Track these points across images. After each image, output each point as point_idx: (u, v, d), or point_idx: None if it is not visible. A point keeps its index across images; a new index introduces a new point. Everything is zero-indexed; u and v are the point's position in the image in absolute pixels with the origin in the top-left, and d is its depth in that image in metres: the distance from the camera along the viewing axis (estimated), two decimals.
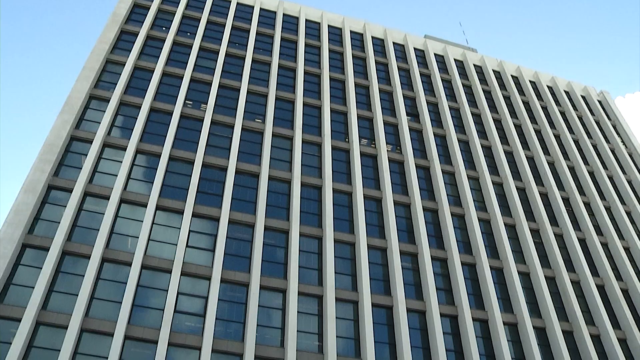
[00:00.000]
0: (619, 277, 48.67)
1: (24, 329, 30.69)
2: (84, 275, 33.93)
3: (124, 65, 47.44)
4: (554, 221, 50.82)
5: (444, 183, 49.04)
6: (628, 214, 55.22)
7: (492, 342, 40.21)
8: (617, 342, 42.98)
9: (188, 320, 34.77)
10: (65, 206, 36.71)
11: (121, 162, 40.48)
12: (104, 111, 43.27)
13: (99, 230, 36.25)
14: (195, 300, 35.61)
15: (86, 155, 40.01)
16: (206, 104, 46.92)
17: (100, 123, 42.15)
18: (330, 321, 36.35)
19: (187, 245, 37.55)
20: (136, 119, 43.66)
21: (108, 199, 38.15)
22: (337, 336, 36.26)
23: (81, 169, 38.99)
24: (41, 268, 33.46)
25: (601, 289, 47.12)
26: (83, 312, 32.39)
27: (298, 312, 36.58)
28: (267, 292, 37.14)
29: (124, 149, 41.39)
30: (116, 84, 45.52)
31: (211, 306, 34.78)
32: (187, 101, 46.82)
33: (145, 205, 38.60)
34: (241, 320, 35.48)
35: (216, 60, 51.34)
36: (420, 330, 39.00)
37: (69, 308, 32.55)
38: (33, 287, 32.50)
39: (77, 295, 33.01)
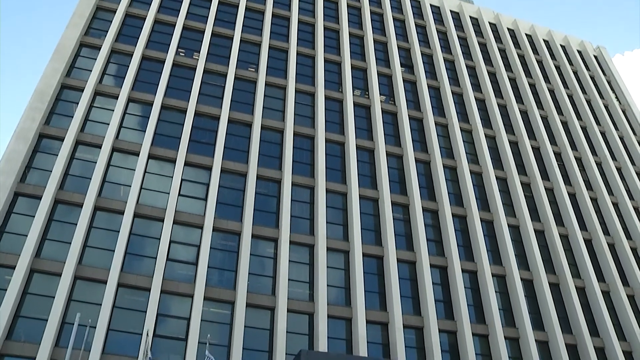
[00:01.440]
0: (606, 232, 49.29)
1: (18, 276, 31.05)
2: (76, 224, 34.10)
3: (115, 12, 46.58)
4: (545, 175, 51.11)
5: (437, 135, 49.02)
6: (618, 170, 55.55)
7: (480, 293, 40.93)
8: (601, 294, 43.98)
9: (180, 268, 35.18)
10: (57, 155, 36.61)
11: (113, 110, 40.17)
12: (95, 59, 42.71)
13: (91, 179, 36.23)
14: (188, 249, 35.95)
15: (77, 103, 39.64)
16: (199, 52, 46.35)
17: (91, 71, 41.65)
18: (322, 270, 36.89)
19: (179, 194, 37.66)
20: (128, 67, 43.14)
21: (100, 147, 38.03)
22: (327, 285, 36.83)
23: (72, 117, 38.68)
24: (34, 216, 33.55)
25: (588, 243, 47.75)
26: (76, 260, 32.71)
27: (289, 261, 37.05)
28: (259, 241, 37.51)
29: (116, 97, 41.03)
30: (107, 32, 44.77)
31: (203, 254, 35.16)
32: (179, 49, 46.21)
33: (137, 154, 38.52)
34: (233, 268, 35.94)
35: (209, 8, 50.45)
36: (410, 280, 39.62)
37: (62, 256, 32.82)
38: (26, 236, 32.68)
39: (70, 243, 33.25)
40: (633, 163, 56.80)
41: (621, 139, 59.23)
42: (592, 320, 43.02)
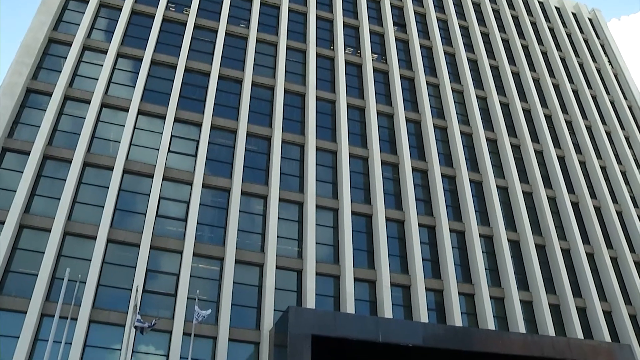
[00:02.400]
0: (593, 195, 49.70)
1: (7, 231, 31.13)
2: (65, 180, 34.01)
3: None
4: (534, 137, 51.21)
5: (428, 95, 48.80)
6: (608, 134, 55.71)
7: (467, 253, 41.43)
8: (586, 256, 44.67)
9: (170, 224, 35.30)
10: (45, 110, 36.26)
11: (102, 65, 39.68)
12: (83, 12, 41.97)
13: (80, 134, 36.01)
14: (177, 205, 36.02)
15: (65, 58, 39.09)
16: (189, 7, 45.57)
17: (79, 25, 40.97)
18: (310, 228, 37.13)
19: (169, 150, 37.55)
20: (117, 21, 42.41)
21: (89, 103, 37.64)
22: (316, 242, 37.12)
23: (61, 72, 38.21)
24: (22, 172, 33.40)
25: (575, 205, 48.15)
26: (66, 216, 32.73)
27: (279, 218, 37.21)
28: (248, 198, 37.62)
29: (105, 52, 40.46)
30: None
31: (193, 211, 35.27)
32: (169, 4, 45.43)
33: (127, 110, 38.22)
34: (222, 225, 36.09)
35: None
36: (398, 239, 39.99)
37: (51, 212, 32.83)
38: (15, 191, 32.61)
39: (60, 199, 33.23)
40: (622, 128, 56.99)
41: (612, 103, 59.27)
42: (576, 282, 43.74)
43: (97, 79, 38.76)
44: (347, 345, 30.85)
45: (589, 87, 59.73)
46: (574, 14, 68.63)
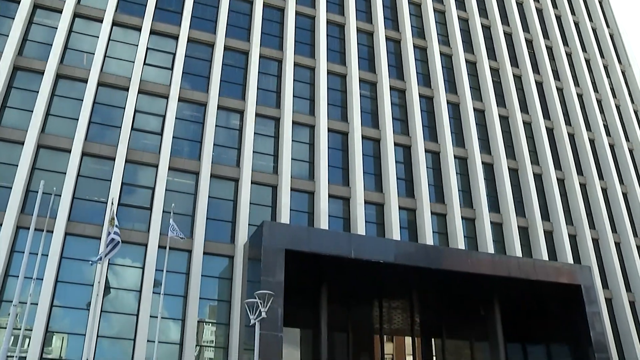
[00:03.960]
0: (568, 122, 50.10)
1: None
2: (38, 92, 33.16)
3: None
4: (514, 62, 50.94)
5: (409, 14, 47.76)
6: (587, 61, 55.56)
7: (441, 173, 41.93)
8: (557, 181, 45.57)
9: (145, 138, 34.98)
10: (14, 18, 34.75)
11: None
12: None
13: (52, 45, 34.82)
14: (153, 119, 35.60)
15: None
16: None
17: None
18: (286, 143, 37.12)
19: (145, 63, 36.67)
20: None
21: (61, 12, 36.18)
22: (292, 158, 37.13)
23: None
24: None
25: (550, 131, 48.59)
26: (39, 128, 32.13)
27: (255, 133, 37.02)
28: (224, 112, 37.24)
29: None
30: None
31: (168, 124, 34.93)
32: None
33: (101, 21, 36.97)
34: (198, 139, 35.88)
35: None
36: (373, 157, 40.24)
37: (24, 124, 32.16)
38: None
39: (32, 111, 32.49)
40: (602, 56, 56.90)
41: (594, 30, 58.85)
42: (545, 206, 44.77)
43: None
44: (320, 261, 31.53)
45: (572, 13, 59.05)
46: None
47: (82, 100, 33.97)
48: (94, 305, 27.74)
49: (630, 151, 51.53)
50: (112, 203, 30.10)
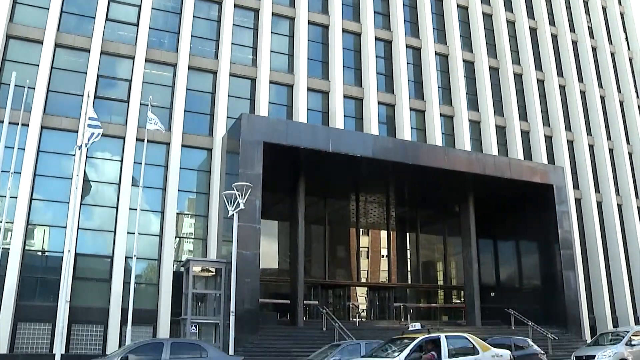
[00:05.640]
0: (552, 23, 49.14)
1: None
2: None
3: None
4: None
5: None
6: None
7: (422, 69, 41.67)
8: (537, 82, 45.63)
9: (121, 29, 33.92)
10: None
11: None
12: None
13: None
14: (128, 9, 34.29)
15: None
16: None
17: None
18: (266, 35, 36.36)
19: None
20: None
21: None
22: (271, 51, 36.49)
23: None
24: None
25: (533, 31, 47.77)
26: (7, 17, 30.72)
27: (233, 24, 36.05)
28: (203, 3, 35.96)
29: None
30: None
31: (145, 15, 33.73)
32: None
33: None
34: (176, 30, 34.90)
35: None
36: (354, 51, 39.74)
37: None
38: None
39: None
40: None
41: None
42: (524, 106, 45.03)
43: None
44: (298, 154, 31.63)
45: None
46: None
47: None
48: (73, 198, 27.91)
49: (612, 55, 51.33)
50: (88, 96, 29.61)
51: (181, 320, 28.83)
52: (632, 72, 51.31)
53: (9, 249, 27.81)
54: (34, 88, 29.91)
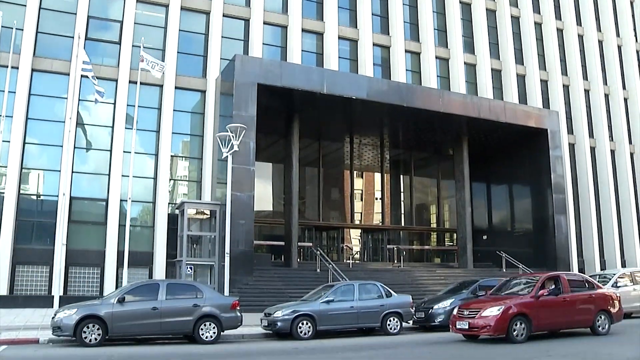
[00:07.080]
0: None
1: None
2: None
3: None
4: None
5: None
6: None
7: (417, 11, 41.10)
8: (534, 25, 44.95)
9: None
10: None
11: None
12: None
13: None
14: None
15: None
16: None
17: None
18: None
19: None
20: None
21: None
22: None
23: None
24: None
25: None
26: None
27: None
28: None
29: None
30: None
31: None
32: None
33: None
34: None
35: None
36: None
37: None
38: None
39: None
40: None
41: None
42: (520, 49, 44.55)
43: None
44: (292, 95, 31.42)
45: None
46: None
47: None
48: (67, 141, 27.79)
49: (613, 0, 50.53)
50: (79, 37, 29.18)
51: (176, 262, 29.16)
52: (633, 16, 50.50)
53: (3, 193, 27.91)
54: (22, 29, 29.29)
